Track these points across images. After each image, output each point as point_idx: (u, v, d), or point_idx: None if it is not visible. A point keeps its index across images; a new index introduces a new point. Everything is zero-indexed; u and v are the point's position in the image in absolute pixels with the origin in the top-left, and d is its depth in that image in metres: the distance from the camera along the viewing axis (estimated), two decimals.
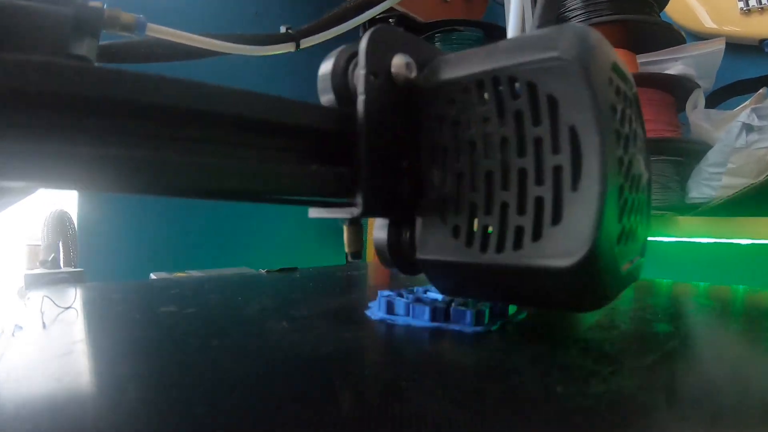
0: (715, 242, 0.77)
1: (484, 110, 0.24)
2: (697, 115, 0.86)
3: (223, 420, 0.18)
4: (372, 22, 1.00)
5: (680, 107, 0.91)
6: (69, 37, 0.27)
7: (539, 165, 0.22)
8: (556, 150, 0.22)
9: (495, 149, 0.24)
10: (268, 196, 0.25)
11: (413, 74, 0.26)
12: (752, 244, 0.74)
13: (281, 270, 0.65)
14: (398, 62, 0.26)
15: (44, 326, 0.32)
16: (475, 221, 0.24)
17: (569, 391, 0.20)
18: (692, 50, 0.88)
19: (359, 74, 0.25)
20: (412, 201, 0.27)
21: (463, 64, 0.25)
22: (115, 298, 0.43)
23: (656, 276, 0.63)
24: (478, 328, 0.30)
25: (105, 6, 0.32)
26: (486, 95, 0.24)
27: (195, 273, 0.73)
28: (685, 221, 0.78)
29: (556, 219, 0.22)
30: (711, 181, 0.81)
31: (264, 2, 1.28)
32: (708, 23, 1.15)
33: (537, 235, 0.22)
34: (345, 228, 0.29)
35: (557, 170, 0.22)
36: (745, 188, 0.71)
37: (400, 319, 0.33)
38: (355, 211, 0.25)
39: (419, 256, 0.27)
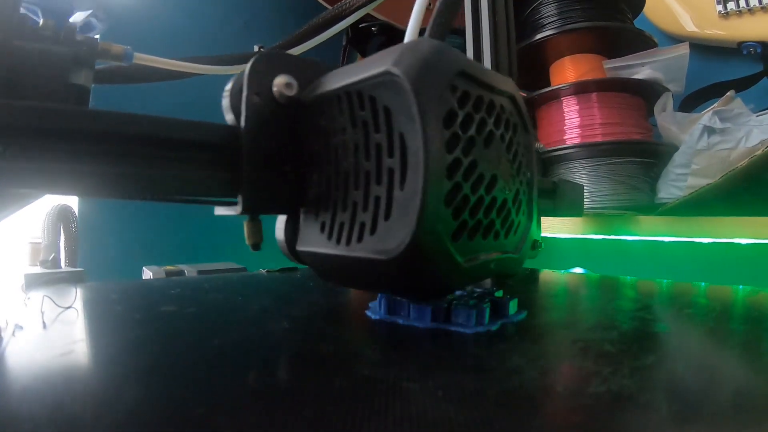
0: (677, 241, 0.79)
1: (343, 120, 0.27)
2: (665, 117, 0.89)
3: (223, 420, 0.18)
4: (355, 31, 1.03)
5: (651, 111, 0.93)
6: (69, 69, 0.34)
7: (379, 167, 0.25)
8: (390, 154, 0.25)
9: (350, 154, 0.27)
10: (175, 196, 0.29)
11: (293, 92, 0.30)
12: (713, 242, 0.76)
13: (282, 270, 0.67)
14: (279, 81, 0.29)
15: (44, 326, 0.32)
16: (336, 217, 0.28)
17: (570, 391, 0.21)
18: (659, 55, 0.90)
19: (243, 96, 0.29)
20: (297, 200, 0.30)
21: (331, 81, 0.28)
22: (116, 298, 0.44)
23: (621, 273, 0.65)
24: (479, 329, 0.32)
25: (98, 40, 0.38)
26: (343, 107, 0.27)
27: (185, 267, 0.76)
28: (649, 221, 0.80)
29: (387, 215, 0.25)
30: (677, 182, 0.83)
31: (252, 12, 1.31)
32: (689, 27, 1.16)
33: (373, 230, 0.25)
34: (245, 223, 0.32)
35: (390, 172, 0.25)
36: (702, 188, 0.73)
37: (400, 319, 0.34)
38: (237, 209, 0.29)
39: (298, 247, 0.30)
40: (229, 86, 0.30)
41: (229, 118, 0.30)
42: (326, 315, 0.38)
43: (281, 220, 0.33)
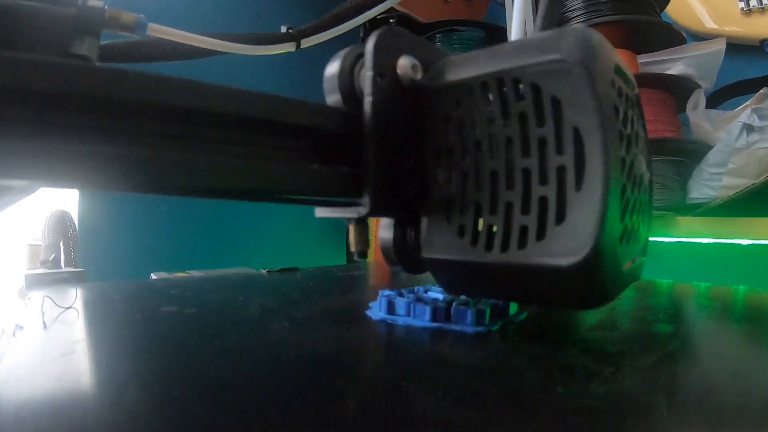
0: (715, 242, 0.78)
1: (489, 111, 0.24)
2: (698, 115, 0.87)
3: (223, 420, 0.18)
4: (373, 22, 1.01)
5: (681, 107, 0.91)
6: (70, 36, 0.28)
7: (543, 165, 0.23)
8: (559, 150, 0.22)
9: (499, 149, 0.24)
10: (273, 195, 0.26)
11: (419, 75, 0.27)
12: (753, 244, 0.75)
13: (282, 270, 0.66)
14: (404, 63, 0.26)
15: (45, 326, 0.32)
16: (480, 221, 0.25)
17: (570, 391, 0.20)
18: (693, 50, 0.88)
19: (366, 75, 0.26)
20: (418, 201, 0.27)
21: (468, 66, 0.25)
22: (116, 298, 0.43)
23: (657, 276, 0.64)
24: (479, 329, 0.30)
25: (106, 6, 0.32)
26: (491, 96, 0.24)
27: (196, 273, 0.73)
28: (686, 221, 0.78)
29: (560, 218, 0.22)
30: (711, 182, 0.82)
31: (265, 3, 1.29)
32: (709, 23, 1.15)
33: (541, 234, 0.23)
34: (351, 228, 0.29)
35: (561, 170, 0.22)
36: (745, 189, 0.72)
37: (401, 319, 0.33)
38: (362, 210, 0.26)
39: (425, 255, 0.27)
40: (336, 64, 0.27)
41: (334, 99, 0.27)
42: (327, 315, 0.37)
43: (389, 224, 0.29)
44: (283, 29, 0.59)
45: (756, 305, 0.46)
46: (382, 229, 0.30)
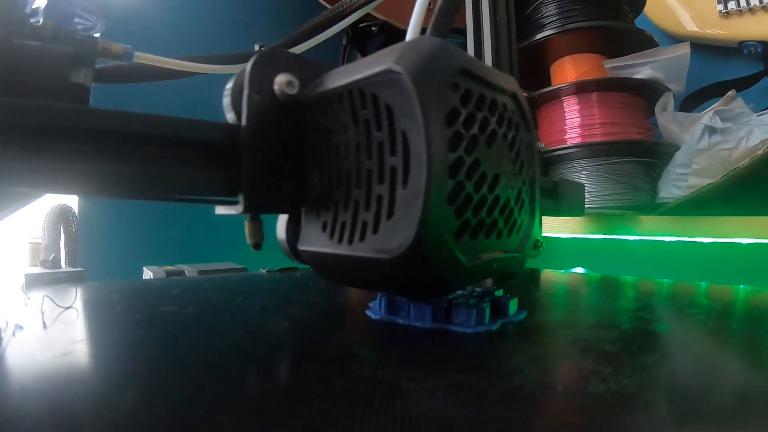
0: (678, 241, 0.79)
1: (344, 119, 0.27)
2: (666, 117, 0.88)
3: (223, 420, 0.18)
4: (355, 31, 1.03)
5: (652, 110, 0.92)
6: (70, 68, 0.33)
7: (381, 166, 0.25)
8: (393, 152, 0.24)
9: (352, 153, 0.27)
10: (174, 196, 0.29)
11: (295, 90, 0.29)
12: (714, 242, 0.76)
13: (282, 270, 0.67)
14: (280, 80, 0.29)
15: (45, 326, 0.32)
16: (337, 217, 0.27)
17: (570, 391, 0.21)
18: (660, 54, 0.89)
19: (244, 94, 0.29)
20: (298, 199, 0.30)
21: (331, 80, 0.28)
22: (116, 298, 0.44)
23: (621, 273, 0.65)
24: (479, 328, 0.32)
25: (99, 39, 0.38)
26: (345, 106, 0.27)
27: (185, 267, 0.75)
28: (649, 220, 0.80)
29: (390, 214, 0.24)
30: (678, 182, 0.83)
31: (252, 12, 1.31)
32: (690, 26, 1.16)
33: (376, 229, 0.25)
34: (246, 223, 0.32)
35: (393, 170, 0.24)
36: (703, 187, 0.73)
37: (401, 319, 0.34)
38: (238, 208, 0.29)
39: (299, 247, 0.30)
40: (230, 85, 0.30)
41: (230, 116, 0.30)
42: (326, 315, 0.38)
43: (282, 220, 0.32)
44: (256, 47, 0.61)
45: (718, 299, 0.46)
46: (278, 224, 0.32)
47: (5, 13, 0.31)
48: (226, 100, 0.30)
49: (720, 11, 1.10)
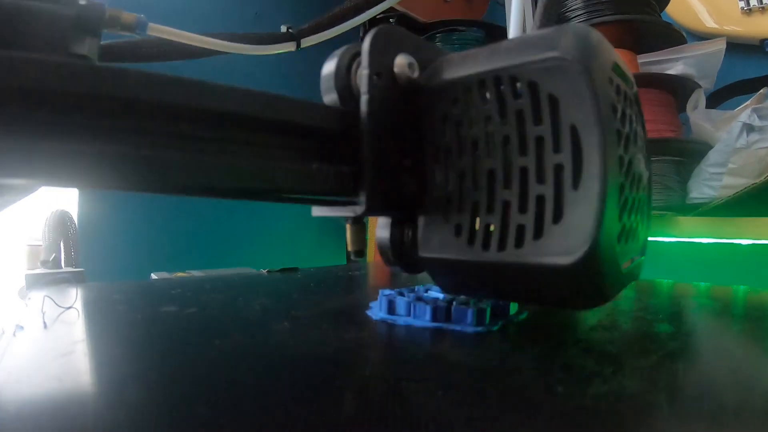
0: (715, 242, 0.78)
1: (487, 109, 0.24)
2: (698, 115, 0.87)
3: (224, 420, 0.18)
4: (372, 21, 1.01)
5: (681, 107, 0.91)
6: (70, 36, 0.27)
7: (540, 163, 0.22)
8: (557, 149, 0.22)
9: (497, 148, 0.24)
10: (273, 194, 0.26)
11: (416, 74, 0.26)
12: (753, 244, 0.75)
13: (282, 270, 0.66)
14: (401, 62, 0.26)
15: (45, 326, 0.32)
16: (477, 220, 0.25)
17: (571, 391, 0.21)
18: (693, 50, 0.88)
19: (362, 74, 0.25)
20: (415, 200, 0.27)
21: (465, 64, 0.25)
22: (116, 298, 0.43)
23: (657, 276, 0.64)
24: (480, 328, 0.31)
25: (106, 6, 0.31)
26: (488, 95, 0.24)
27: (196, 273, 0.73)
28: (686, 221, 0.78)
29: (557, 217, 0.22)
30: (712, 182, 0.82)
31: (264, 3, 1.29)
32: (709, 23, 1.15)
33: (538, 233, 0.22)
34: (348, 227, 0.29)
35: (558, 169, 0.22)
36: (745, 188, 0.72)
37: (401, 319, 0.33)
38: (358, 209, 0.26)
39: (422, 254, 0.27)
40: (332, 63, 0.27)
41: (331, 98, 0.27)
42: (327, 315, 0.37)
43: (386, 223, 0.29)
44: (283, 29, 0.59)
45: (756, 305, 0.46)
46: (379, 229, 0.29)
47: None
48: (328, 81, 0.27)
49: (742, 8, 1.10)
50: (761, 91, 0.86)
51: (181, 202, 1.09)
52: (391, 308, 0.34)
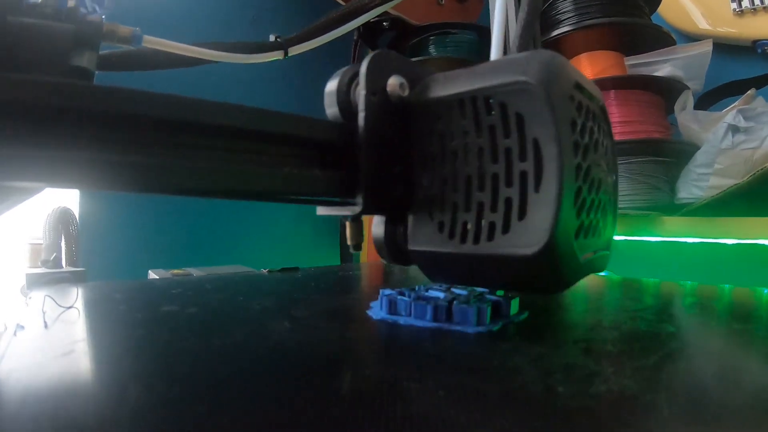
0: (701, 242, 0.82)
1: (465, 124, 0.30)
2: (686, 116, 0.92)
3: (224, 419, 0.18)
4: (366, 26, 1.05)
5: (670, 109, 0.96)
6: (71, 50, 0.32)
7: (509, 170, 0.28)
8: (522, 158, 0.27)
9: (473, 157, 0.29)
10: (281, 196, 0.31)
11: (406, 92, 0.32)
12: (738, 244, 0.79)
13: (282, 270, 0.69)
14: (393, 82, 0.31)
15: (46, 326, 0.33)
16: (457, 217, 0.30)
17: (571, 391, 0.22)
18: (680, 52, 0.93)
19: (360, 93, 0.31)
20: (405, 201, 0.33)
21: (448, 85, 0.31)
22: (117, 298, 0.45)
23: (644, 275, 0.67)
24: (480, 328, 0.33)
25: (104, 20, 0.36)
26: (466, 112, 0.30)
27: (192, 270, 0.76)
28: (671, 221, 0.83)
29: (522, 215, 0.27)
30: (699, 182, 0.86)
31: (260, 7, 1.33)
32: (702, 24, 1.20)
33: (506, 229, 0.28)
34: (347, 224, 0.35)
35: (523, 175, 0.27)
36: (727, 189, 0.76)
37: (402, 319, 0.36)
38: (356, 209, 0.31)
39: (411, 247, 0.32)
40: (334, 82, 0.32)
41: (332, 112, 0.33)
42: (327, 315, 0.39)
43: (380, 221, 0.35)
44: (272, 38, 0.63)
45: (741, 303, 0.48)
46: (375, 226, 0.35)
47: None
48: (331, 97, 0.32)
49: (734, 9, 1.15)
50: (749, 92, 0.91)
51: (179, 202, 1.12)
52: (391, 308, 0.37)
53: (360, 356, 0.29)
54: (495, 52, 0.36)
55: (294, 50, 0.63)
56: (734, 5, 1.14)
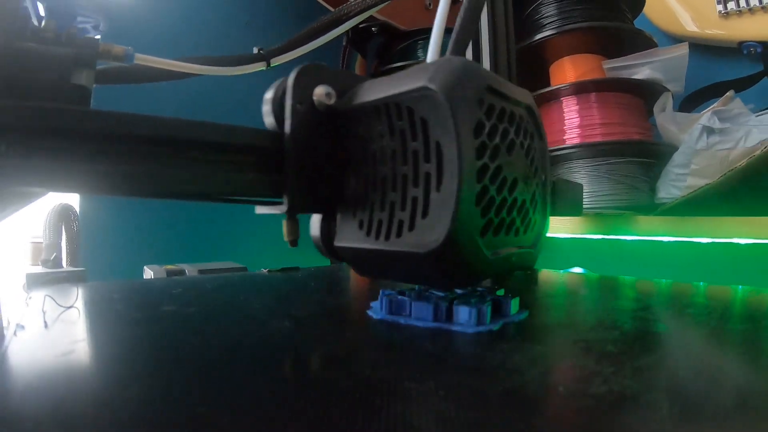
0: (676, 241, 0.84)
1: (381, 129, 0.32)
2: (665, 117, 0.93)
3: (224, 419, 0.19)
4: (355, 31, 1.07)
5: (651, 111, 0.97)
6: (71, 70, 0.37)
7: (416, 171, 0.30)
8: (427, 159, 0.30)
9: (387, 159, 0.32)
10: (222, 196, 0.34)
11: (332, 101, 0.34)
12: (712, 242, 0.80)
13: (282, 269, 0.71)
14: (319, 92, 0.34)
15: (46, 325, 0.33)
16: (374, 216, 0.33)
17: (571, 391, 0.22)
18: (659, 55, 0.94)
19: (287, 103, 0.34)
20: (333, 200, 0.35)
21: (369, 92, 0.33)
22: (117, 298, 0.45)
23: (620, 273, 0.69)
24: (480, 328, 0.34)
25: (100, 42, 0.41)
26: (382, 117, 0.32)
27: (185, 266, 0.79)
28: (647, 220, 0.84)
29: (425, 213, 0.30)
30: (677, 182, 0.88)
31: (254, 13, 1.35)
32: (690, 27, 1.21)
33: (412, 227, 0.30)
34: (283, 222, 0.37)
35: (427, 176, 0.30)
36: (701, 188, 0.77)
37: (402, 319, 0.37)
38: (283, 208, 0.34)
39: (336, 243, 0.35)
40: (270, 93, 0.35)
41: (269, 121, 0.35)
42: (328, 315, 0.40)
43: (316, 220, 0.37)
44: (255, 50, 0.66)
45: (717, 299, 0.48)
46: (312, 224, 0.38)
47: (7, 18, 0.34)
48: (266, 108, 0.35)
49: (720, 11, 1.16)
50: (727, 93, 0.92)
51: (176, 201, 1.14)
52: (392, 308, 0.38)
53: (360, 356, 0.29)
54: (431, 57, 0.38)
55: (276, 61, 0.66)
56: (720, 7, 1.15)
